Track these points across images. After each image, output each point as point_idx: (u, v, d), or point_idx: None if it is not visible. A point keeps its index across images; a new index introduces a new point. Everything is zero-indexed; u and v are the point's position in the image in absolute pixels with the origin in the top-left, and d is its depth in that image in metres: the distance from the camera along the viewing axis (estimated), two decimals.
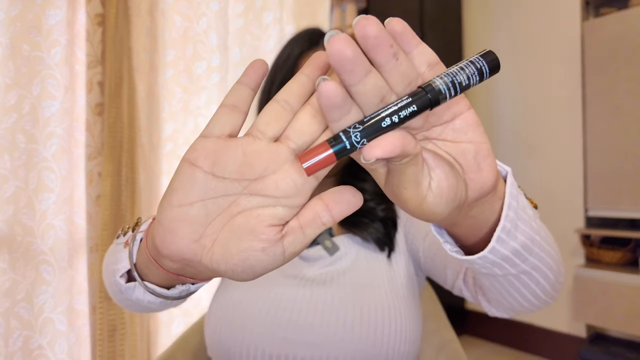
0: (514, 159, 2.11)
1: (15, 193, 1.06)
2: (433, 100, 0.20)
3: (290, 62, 0.59)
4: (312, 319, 0.50)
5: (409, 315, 0.52)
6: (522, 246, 0.28)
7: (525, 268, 0.30)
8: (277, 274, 0.55)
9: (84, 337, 1.16)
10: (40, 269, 1.09)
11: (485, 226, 0.27)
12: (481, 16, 2.26)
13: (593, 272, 1.63)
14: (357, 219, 0.58)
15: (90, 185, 1.13)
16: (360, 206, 0.24)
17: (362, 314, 0.50)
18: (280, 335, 0.50)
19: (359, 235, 0.57)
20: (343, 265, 0.55)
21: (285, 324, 0.50)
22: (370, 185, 0.61)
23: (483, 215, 0.26)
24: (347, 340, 0.49)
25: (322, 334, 0.50)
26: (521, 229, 0.28)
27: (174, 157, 1.37)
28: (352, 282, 0.53)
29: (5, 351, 1.04)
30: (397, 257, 0.57)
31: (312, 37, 0.61)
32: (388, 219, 0.58)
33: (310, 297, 0.52)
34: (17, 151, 1.07)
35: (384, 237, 0.57)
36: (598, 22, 1.74)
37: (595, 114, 1.73)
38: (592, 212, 1.74)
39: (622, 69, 1.65)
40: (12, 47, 1.06)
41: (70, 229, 1.14)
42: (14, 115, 1.06)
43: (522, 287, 0.32)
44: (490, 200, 0.26)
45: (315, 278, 0.54)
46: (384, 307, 0.51)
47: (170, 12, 1.35)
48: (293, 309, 0.51)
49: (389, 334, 0.50)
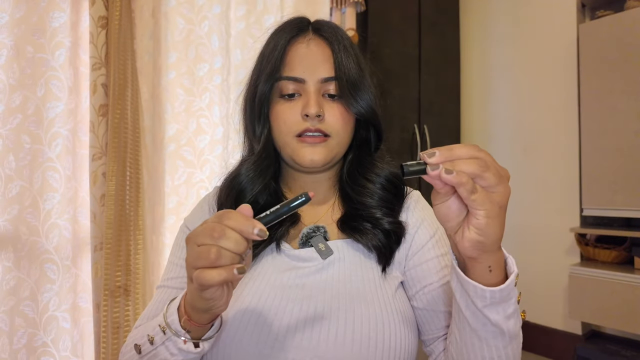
0: (511, 158, 2.13)
1: (20, 193, 1.08)
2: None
3: (278, 51, 0.56)
4: (301, 336, 0.47)
5: (402, 331, 0.49)
6: (495, 324, 0.41)
7: (490, 340, 0.41)
8: (264, 286, 0.52)
9: (88, 334, 1.17)
10: (45, 267, 1.11)
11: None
12: (478, 20, 2.29)
13: (588, 270, 1.66)
14: (359, 225, 0.55)
15: (94, 185, 1.14)
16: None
17: (354, 329, 0.47)
18: (267, 353, 0.47)
19: (360, 242, 0.54)
20: (336, 273, 0.52)
21: (271, 342, 0.47)
22: (378, 192, 0.57)
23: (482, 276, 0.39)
24: (338, 357, 0.46)
25: (310, 351, 0.47)
26: (502, 311, 0.40)
27: (177, 157, 1.39)
28: (345, 295, 0.50)
29: (10, 349, 1.05)
30: (392, 271, 0.55)
31: (300, 24, 0.58)
32: (393, 232, 0.55)
33: (299, 312, 0.49)
34: (21, 151, 1.08)
35: (384, 247, 0.54)
36: (594, 25, 1.76)
37: (590, 115, 1.75)
38: (588, 212, 1.76)
39: (618, 71, 1.68)
40: (16, 49, 1.07)
41: (75, 228, 1.16)
42: (19, 116, 1.08)
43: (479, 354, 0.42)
44: (492, 257, 0.39)
45: (305, 289, 0.51)
46: (377, 323, 0.48)
47: (173, 15, 1.37)
48: (280, 326, 0.48)
49: (382, 350, 0.47)
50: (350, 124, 0.57)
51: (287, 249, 0.55)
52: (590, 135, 1.75)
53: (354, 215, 0.56)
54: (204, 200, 0.66)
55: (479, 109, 2.27)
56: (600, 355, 1.64)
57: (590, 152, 1.75)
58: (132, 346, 0.46)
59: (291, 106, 0.55)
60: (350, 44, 0.58)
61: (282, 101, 0.56)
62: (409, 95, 1.97)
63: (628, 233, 1.60)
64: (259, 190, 0.57)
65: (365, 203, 0.56)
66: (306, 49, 0.56)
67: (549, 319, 1.96)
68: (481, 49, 2.27)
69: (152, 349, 0.44)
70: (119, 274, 1.16)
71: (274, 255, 0.55)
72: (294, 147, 0.55)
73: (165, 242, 1.36)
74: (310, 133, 0.54)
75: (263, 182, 0.57)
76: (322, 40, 0.57)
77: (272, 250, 0.55)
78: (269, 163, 0.58)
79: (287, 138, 0.55)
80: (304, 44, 0.56)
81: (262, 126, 0.57)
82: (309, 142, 0.54)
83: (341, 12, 1.74)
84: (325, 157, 0.55)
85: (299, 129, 0.54)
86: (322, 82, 0.55)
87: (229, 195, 0.58)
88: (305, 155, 0.54)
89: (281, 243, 0.55)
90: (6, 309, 1.05)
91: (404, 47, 1.94)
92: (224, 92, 1.44)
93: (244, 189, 0.57)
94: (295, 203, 0.37)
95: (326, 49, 0.56)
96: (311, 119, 0.53)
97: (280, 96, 0.56)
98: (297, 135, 0.55)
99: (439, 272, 0.54)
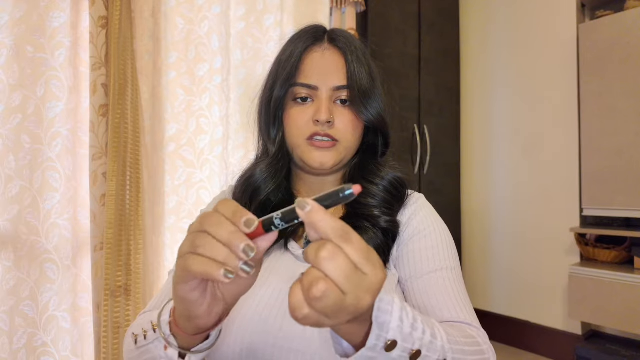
0: (510, 158, 2.14)
1: (20, 193, 1.07)
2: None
3: (295, 59, 0.59)
4: (304, 328, 0.49)
5: None
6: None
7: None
8: (271, 277, 0.54)
9: (88, 334, 1.17)
10: (45, 267, 1.11)
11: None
12: (478, 20, 2.29)
13: (588, 270, 1.66)
14: (359, 223, 0.56)
15: (94, 185, 1.14)
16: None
17: None
18: (271, 342, 0.49)
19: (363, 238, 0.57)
20: None
21: (276, 331, 0.49)
22: (380, 193, 0.60)
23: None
24: None
25: (313, 343, 0.49)
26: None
27: (177, 157, 1.39)
28: None
29: (10, 349, 1.05)
30: (391, 268, 0.57)
31: (315, 34, 0.61)
32: (390, 231, 0.57)
33: None
34: (21, 151, 1.08)
35: (383, 245, 0.56)
36: (594, 25, 1.76)
37: (590, 115, 1.76)
38: (587, 212, 1.77)
39: (617, 71, 1.68)
40: (16, 49, 1.07)
41: (75, 228, 1.16)
42: (19, 116, 1.08)
43: None
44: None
45: None
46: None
47: (173, 15, 1.37)
48: (285, 317, 0.50)
49: None
50: (359, 130, 0.61)
51: (294, 249, 0.57)
52: (590, 135, 1.75)
53: (355, 214, 0.58)
54: (221, 195, 0.70)
55: (479, 109, 2.27)
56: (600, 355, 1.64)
57: (590, 152, 1.75)
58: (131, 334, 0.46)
59: (304, 110, 0.58)
60: (364, 54, 0.61)
61: (295, 105, 0.59)
62: (409, 95, 1.97)
63: (628, 233, 1.60)
64: (272, 190, 0.60)
65: (366, 203, 0.58)
66: (321, 58, 0.59)
67: (549, 319, 1.96)
68: (481, 49, 2.27)
69: (144, 344, 0.43)
70: (119, 274, 1.16)
71: (283, 251, 0.58)
72: (305, 149, 0.58)
73: (166, 242, 1.36)
74: (320, 137, 0.57)
75: (277, 182, 0.60)
76: (337, 50, 0.60)
77: (280, 247, 0.58)
78: (284, 164, 0.61)
79: (298, 140, 0.58)
80: (319, 53, 0.60)
81: (277, 129, 0.61)
82: (318, 146, 0.58)
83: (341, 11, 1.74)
84: (334, 161, 0.58)
85: (310, 132, 0.57)
86: (334, 89, 0.58)
87: (245, 192, 0.61)
88: (315, 158, 0.58)
89: (289, 242, 0.58)
90: (6, 309, 1.05)
91: (404, 47, 1.94)
92: (224, 92, 1.44)
93: (259, 188, 0.60)
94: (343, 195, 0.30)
95: (340, 58, 0.59)
96: (321, 125, 0.56)
97: (294, 100, 0.59)
98: (307, 138, 0.58)
99: (422, 263, 0.56)
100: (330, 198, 0.30)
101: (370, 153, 0.63)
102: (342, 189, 0.29)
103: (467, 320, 0.50)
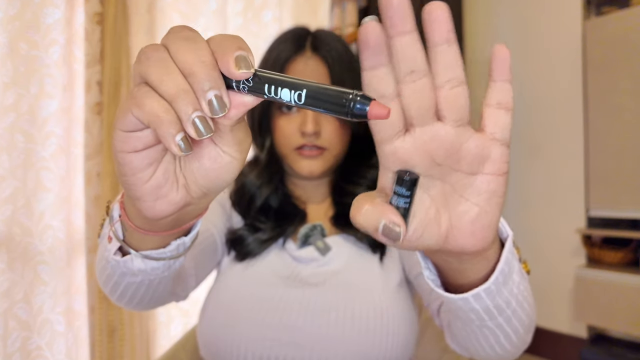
0: (515, 158, 2.10)
1: (14, 193, 1.06)
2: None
3: (278, 69, 0.57)
4: (303, 321, 0.50)
5: (400, 319, 0.52)
6: (496, 307, 0.29)
7: (489, 324, 0.32)
8: (269, 275, 0.55)
9: (83, 337, 1.15)
10: (39, 269, 1.09)
11: (467, 280, 0.28)
12: (482, 15, 2.26)
13: (594, 272, 1.63)
14: (350, 222, 0.55)
15: (88, 185, 1.13)
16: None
17: (354, 316, 0.50)
18: (270, 336, 0.50)
19: (353, 235, 0.57)
20: (336, 266, 0.55)
21: (275, 325, 0.50)
22: (366, 190, 0.58)
23: (464, 272, 0.27)
24: (337, 342, 0.50)
25: (312, 336, 0.50)
26: (503, 294, 0.29)
27: None
28: (344, 284, 0.53)
29: (4, 352, 1.04)
30: (389, 261, 0.57)
31: (298, 41, 0.59)
32: None
33: (302, 298, 0.52)
34: (15, 151, 1.06)
35: (378, 242, 0.55)
36: (599, 21, 1.73)
37: (596, 114, 1.72)
38: (594, 212, 1.74)
39: (624, 68, 1.64)
40: (10, 46, 1.05)
41: (69, 229, 1.14)
42: (12, 114, 1.06)
43: (482, 339, 0.35)
44: (472, 260, 0.26)
45: (308, 279, 0.54)
46: (375, 310, 0.51)
47: (169, 11, 1.34)
48: (284, 310, 0.51)
49: (380, 336, 0.50)
50: (346, 137, 0.61)
51: (290, 249, 0.58)
52: (596, 134, 1.72)
53: (345, 211, 0.58)
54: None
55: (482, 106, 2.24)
56: (605, 358, 1.61)
57: (596, 151, 1.72)
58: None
59: (290, 120, 0.58)
60: (349, 59, 0.59)
61: (281, 114, 0.58)
62: None
63: (635, 234, 1.58)
64: (268, 195, 0.61)
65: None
66: (304, 68, 0.58)
67: (554, 321, 1.93)
68: (484, 46, 2.23)
69: (99, 239, 0.36)
70: None
71: (280, 249, 0.58)
72: (293, 159, 0.59)
73: None
74: (307, 147, 0.58)
75: (271, 187, 0.61)
76: (320, 58, 0.59)
77: (278, 246, 0.59)
78: (276, 169, 0.62)
79: (286, 150, 0.59)
80: (302, 63, 0.59)
81: (265, 137, 0.61)
82: (306, 155, 0.58)
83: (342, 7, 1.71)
84: (322, 169, 0.59)
85: (297, 144, 0.57)
86: None
87: (242, 197, 0.61)
88: (304, 167, 0.58)
89: (286, 241, 0.58)
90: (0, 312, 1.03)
91: None
92: None
93: (254, 195, 0.61)
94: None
95: (324, 67, 0.59)
96: (308, 136, 0.56)
97: (279, 109, 0.58)
98: (295, 149, 0.58)
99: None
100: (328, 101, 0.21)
101: (358, 157, 0.63)
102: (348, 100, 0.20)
103: None
